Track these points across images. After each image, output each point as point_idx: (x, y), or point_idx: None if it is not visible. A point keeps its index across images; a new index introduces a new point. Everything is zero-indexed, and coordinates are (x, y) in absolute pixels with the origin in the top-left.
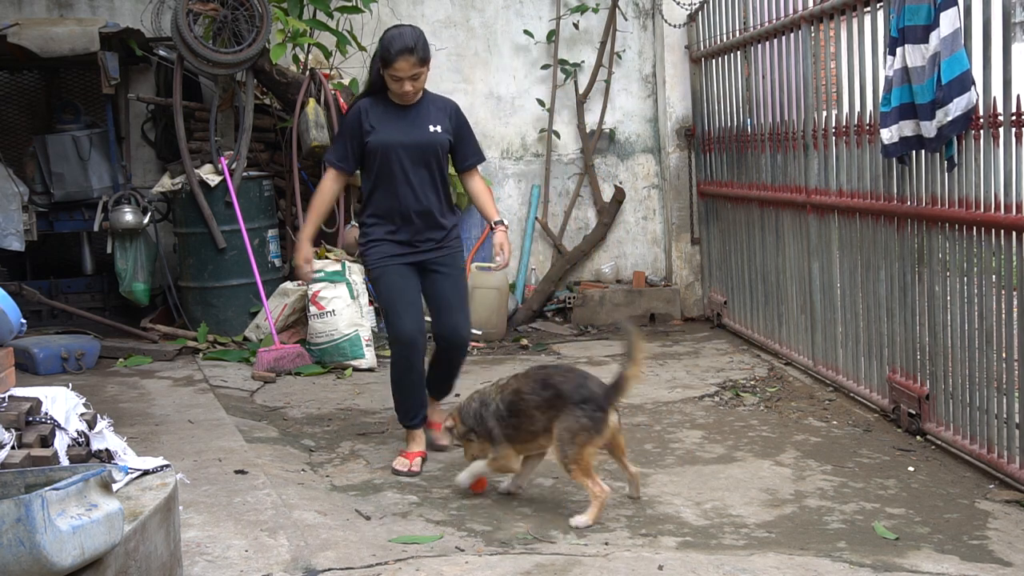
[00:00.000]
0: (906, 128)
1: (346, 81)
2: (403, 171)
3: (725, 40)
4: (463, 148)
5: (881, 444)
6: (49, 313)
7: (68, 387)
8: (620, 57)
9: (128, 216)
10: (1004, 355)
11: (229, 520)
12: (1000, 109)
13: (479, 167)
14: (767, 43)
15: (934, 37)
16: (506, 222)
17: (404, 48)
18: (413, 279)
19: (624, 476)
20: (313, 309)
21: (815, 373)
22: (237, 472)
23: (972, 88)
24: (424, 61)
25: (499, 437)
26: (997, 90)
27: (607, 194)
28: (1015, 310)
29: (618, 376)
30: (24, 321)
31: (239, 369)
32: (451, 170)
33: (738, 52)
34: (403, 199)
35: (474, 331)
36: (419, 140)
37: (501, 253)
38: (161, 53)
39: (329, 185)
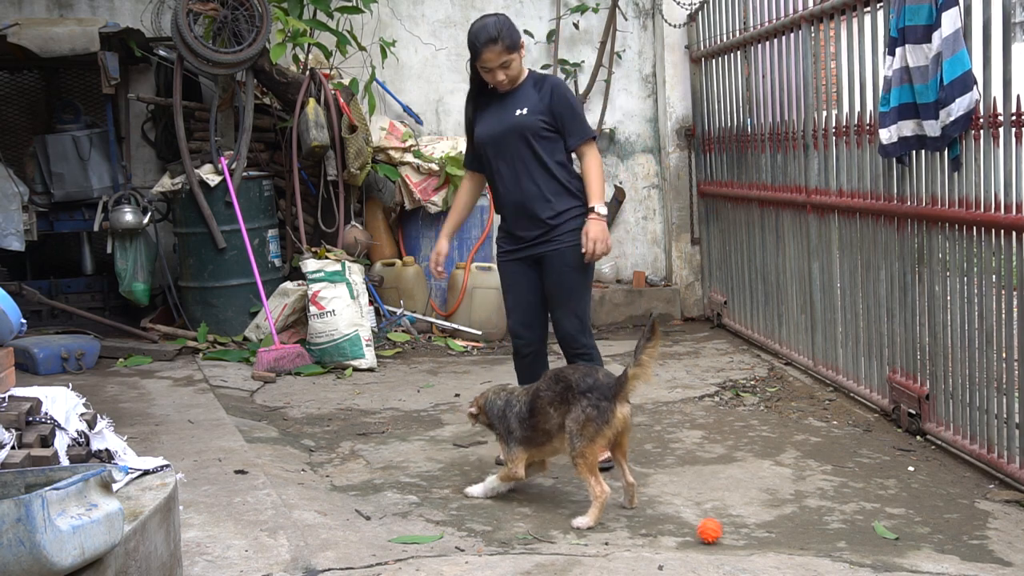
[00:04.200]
0: (905, 128)
1: (346, 81)
2: (493, 162)
3: (725, 40)
4: (564, 126)
5: (881, 444)
6: (49, 313)
7: (68, 387)
8: (620, 57)
9: (128, 216)
10: (1004, 355)
11: (229, 520)
12: (1000, 109)
13: (594, 143)
14: (767, 43)
15: (936, 37)
16: (603, 212)
17: (488, 39)
18: (523, 276)
19: (621, 482)
20: (313, 309)
21: (815, 373)
22: (237, 472)
23: (974, 88)
24: (512, 48)
25: (516, 439)
26: (997, 90)
27: (607, 194)
28: (1015, 310)
29: (623, 372)
30: (24, 321)
31: (239, 369)
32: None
33: (738, 52)
34: (500, 191)
35: (473, 331)
36: (504, 127)
37: (585, 242)
38: (161, 53)
39: (465, 184)
